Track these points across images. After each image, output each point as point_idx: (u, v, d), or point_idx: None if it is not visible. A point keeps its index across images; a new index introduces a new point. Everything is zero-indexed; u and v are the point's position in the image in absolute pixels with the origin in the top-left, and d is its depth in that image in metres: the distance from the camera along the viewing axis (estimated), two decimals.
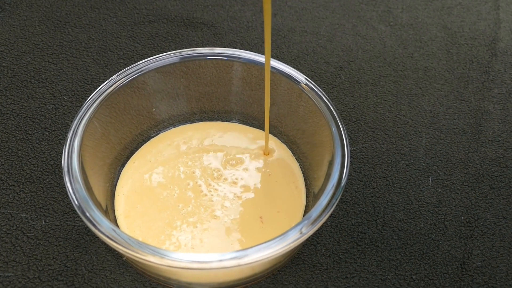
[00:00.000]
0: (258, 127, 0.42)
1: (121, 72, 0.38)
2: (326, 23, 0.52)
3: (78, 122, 0.35)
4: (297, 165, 0.40)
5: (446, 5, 0.54)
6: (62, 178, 0.39)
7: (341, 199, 0.40)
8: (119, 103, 0.38)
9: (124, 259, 0.36)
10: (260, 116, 0.41)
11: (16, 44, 0.48)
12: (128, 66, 0.39)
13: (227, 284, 0.35)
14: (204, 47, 0.48)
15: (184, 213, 0.37)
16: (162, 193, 0.38)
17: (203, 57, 0.39)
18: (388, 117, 0.45)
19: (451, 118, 0.45)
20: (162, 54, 0.39)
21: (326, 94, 0.38)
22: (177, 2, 0.53)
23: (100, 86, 0.37)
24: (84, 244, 0.37)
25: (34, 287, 0.35)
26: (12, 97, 0.44)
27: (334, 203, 0.33)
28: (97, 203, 0.33)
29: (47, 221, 0.38)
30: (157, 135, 0.41)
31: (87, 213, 0.32)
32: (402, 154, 0.43)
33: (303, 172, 0.39)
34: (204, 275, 0.33)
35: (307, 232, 0.31)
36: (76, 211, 0.32)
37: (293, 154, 0.40)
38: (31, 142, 0.42)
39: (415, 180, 0.41)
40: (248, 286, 0.36)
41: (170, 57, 0.39)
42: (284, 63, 0.39)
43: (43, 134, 0.42)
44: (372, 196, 0.40)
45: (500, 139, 0.44)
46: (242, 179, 0.39)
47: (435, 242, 0.38)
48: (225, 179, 0.39)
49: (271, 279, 0.36)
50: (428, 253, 0.38)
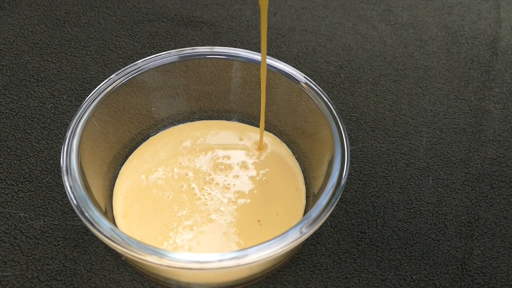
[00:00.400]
0: (258, 126, 0.42)
1: (120, 71, 0.38)
2: (326, 22, 0.52)
3: (77, 121, 0.35)
4: (297, 164, 0.40)
5: (446, 4, 0.54)
6: (61, 177, 0.39)
7: (341, 198, 0.40)
8: (118, 102, 0.38)
9: (123, 259, 0.36)
10: (260, 116, 0.41)
11: (15, 43, 0.48)
12: (127, 65, 0.39)
13: (227, 284, 0.35)
14: (203, 46, 0.48)
15: (180, 215, 0.37)
16: (158, 194, 0.38)
17: (203, 56, 0.39)
18: (388, 116, 0.45)
19: (452, 117, 0.45)
20: (161, 53, 0.39)
21: (326, 93, 0.38)
22: (176, 1, 0.53)
23: (99, 85, 0.37)
24: (83, 243, 0.37)
25: (32, 287, 0.35)
26: (11, 96, 0.44)
27: (334, 203, 0.32)
28: (95, 203, 0.33)
29: (46, 220, 0.38)
30: (156, 134, 0.41)
31: (85, 212, 0.31)
32: (402, 154, 0.42)
33: (303, 171, 0.39)
34: (203, 275, 0.33)
35: (307, 232, 0.31)
36: (75, 210, 0.32)
37: (292, 153, 0.40)
38: (30, 141, 0.42)
39: (415, 180, 0.41)
40: (247, 286, 0.36)
41: (169, 56, 0.39)
42: (284, 62, 0.39)
43: (42, 133, 0.42)
44: (372, 196, 0.40)
45: (500, 138, 0.44)
46: (238, 180, 0.38)
47: (435, 242, 0.38)
48: (216, 183, 0.38)
49: (270, 279, 0.36)
50: (428, 253, 0.38)
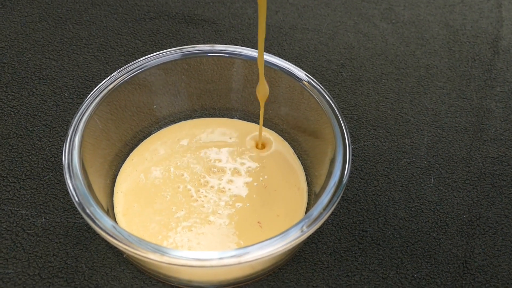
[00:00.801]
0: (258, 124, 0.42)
1: (122, 68, 0.38)
2: (327, 21, 0.52)
3: (78, 118, 0.35)
4: (299, 163, 0.40)
5: (448, 2, 0.54)
6: (62, 175, 0.39)
7: (342, 197, 0.40)
8: (120, 100, 0.38)
9: (124, 256, 0.36)
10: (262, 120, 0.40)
11: (16, 40, 0.48)
12: (129, 63, 0.39)
13: (228, 282, 0.35)
14: (205, 44, 0.48)
15: (178, 216, 0.36)
16: (156, 193, 0.37)
17: (204, 54, 0.39)
18: (390, 115, 0.45)
19: (453, 116, 0.45)
20: (163, 51, 0.39)
21: (328, 91, 0.38)
22: None
23: (101, 83, 0.37)
24: (85, 241, 0.37)
25: (34, 284, 0.35)
26: (13, 93, 0.44)
27: (336, 201, 0.32)
28: (97, 200, 0.33)
29: (48, 218, 0.38)
30: (157, 132, 0.41)
31: (87, 210, 0.31)
32: (403, 152, 0.42)
33: (305, 170, 0.39)
34: (204, 273, 0.33)
35: (308, 230, 0.31)
36: (76, 208, 0.32)
37: (294, 152, 0.40)
38: (31, 139, 0.42)
39: (417, 178, 0.41)
40: (249, 284, 0.36)
41: (171, 54, 0.39)
42: (286, 60, 0.39)
43: (44, 131, 0.42)
44: (373, 194, 0.40)
45: (502, 137, 0.44)
46: (237, 180, 0.38)
47: (437, 240, 0.38)
48: (213, 185, 0.38)
49: (272, 277, 0.36)
50: (430, 251, 0.38)
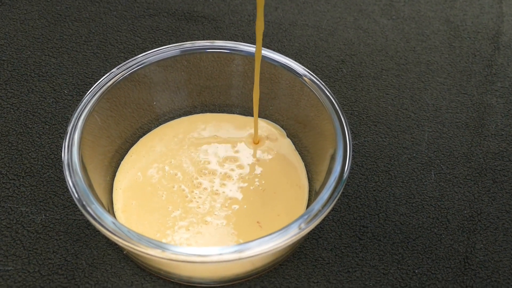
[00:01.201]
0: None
1: (121, 65, 0.38)
2: (327, 17, 0.51)
3: (78, 115, 0.35)
4: (299, 160, 0.39)
5: None
6: (62, 171, 0.39)
7: (343, 193, 0.39)
8: (119, 97, 0.38)
9: (124, 253, 0.36)
10: (261, 110, 0.40)
11: (16, 37, 0.48)
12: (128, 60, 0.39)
13: (229, 278, 0.35)
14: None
15: (174, 216, 0.36)
16: (152, 192, 0.37)
17: (204, 50, 0.39)
18: (391, 111, 0.45)
19: (454, 112, 0.45)
20: (162, 47, 0.39)
21: (328, 88, 0.38)
22: None
23: (100, 79, 0.37)
24: (85, 238, 0.37)
25: (34, 281, 0.35)
26: (12, 91, 0.44)
27: (336, 197, 0.32)
28: (97, 197, 0.33)
29: (47, 215, 0.38)
30: (155, 128, 0.41)
31: (87, 206, 0.31)
32: (404, 148, 0.42)
33: (305, 166, 0.39)
34: (205, 269, 0.33)
35: (308, 226, 0.31)
36: (76, 204, 0.32)
37: (295, 148, 0.40)
38: (31, 136, 0.41)
39: (418, 174, 0.41)
40: (250, 280, 0.36)
41: (170, 50, 0.39)
42: (286, 56, 0.39)
43: (43, 128, 0.42)
44: (374, 190, 0.40)
45: (503, 133, 0.44)
46: (231, 184, 0.38)
47: (438, 236, 0.38)
48: (204, 189, 0.37)
49: (272, 273, 0.36)
50: (431, 247, 0.37)
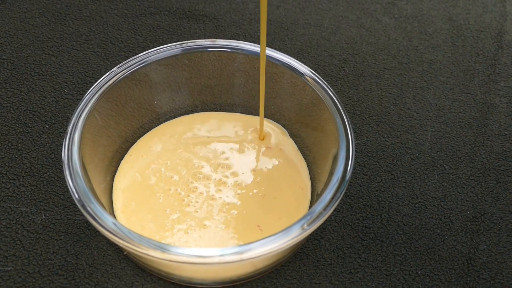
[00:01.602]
0: None
1: (122, 64, 0.38)
2: (329, 15, 0.51)
3: (78, 115, 0.35)
4: (302, 159, 0.39)
5: None
6: (62, 171, 0.39)
7: (345, 193, 0.39)
8: (120, 96, 0.37)
9: (125, 253, 0.36)
10: (263, 109, 0.40)
11: (16, 36, 0.48)
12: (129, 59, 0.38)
13: (230, 279, 0.34)
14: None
15: (172, 219, 0.36)
16: (150, 194, 0.37)
17: (205, 49, 0.39)
18: (393, 110, 0.44)
19: (457, 111, 0.45)
20: (163, 46, 0.39)
21: (330, 87, 0.37)
22: None
23: (100, 78, 0.37)
24: (85, 238, 0.36)
25: (34, 281, 0.35)
26: (12, 89, 0.44)
27: (339, 198, 0.32)
28: (97, 197, 0.33)
29: (47, 215, 0.37)
30: (155, 127, 0.40)
31: (87, 206, 0.31)
32: (407, 148, 0.42)
33: (308, 166, 0.39)
34: (206, 271, 0.33)
35: (311, 227, 0.31)
36: (76, 205, 0.32)
37: (297, 148, 0.40)
38: (31, 135, 0.41)
39: (420, 174, 0.41)
40: (251, 281, 0.35)
41: (171, 49, 0.38)
42: (288, 55, 0.39)
43: (43, 127, 0.42)
44: (376, 191, 0.40)
45: (506, 132, 0.43)
46: (227, 190, 0.37)
47: (441, 237, 0.38)
48: (200, 193, 0.37)
49: (274, 274, 0.36)
50: (434, 248, 0.37)
